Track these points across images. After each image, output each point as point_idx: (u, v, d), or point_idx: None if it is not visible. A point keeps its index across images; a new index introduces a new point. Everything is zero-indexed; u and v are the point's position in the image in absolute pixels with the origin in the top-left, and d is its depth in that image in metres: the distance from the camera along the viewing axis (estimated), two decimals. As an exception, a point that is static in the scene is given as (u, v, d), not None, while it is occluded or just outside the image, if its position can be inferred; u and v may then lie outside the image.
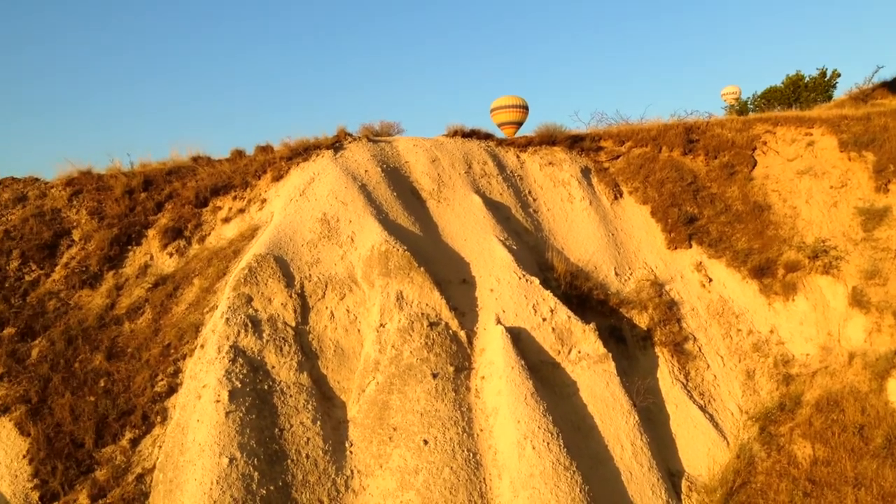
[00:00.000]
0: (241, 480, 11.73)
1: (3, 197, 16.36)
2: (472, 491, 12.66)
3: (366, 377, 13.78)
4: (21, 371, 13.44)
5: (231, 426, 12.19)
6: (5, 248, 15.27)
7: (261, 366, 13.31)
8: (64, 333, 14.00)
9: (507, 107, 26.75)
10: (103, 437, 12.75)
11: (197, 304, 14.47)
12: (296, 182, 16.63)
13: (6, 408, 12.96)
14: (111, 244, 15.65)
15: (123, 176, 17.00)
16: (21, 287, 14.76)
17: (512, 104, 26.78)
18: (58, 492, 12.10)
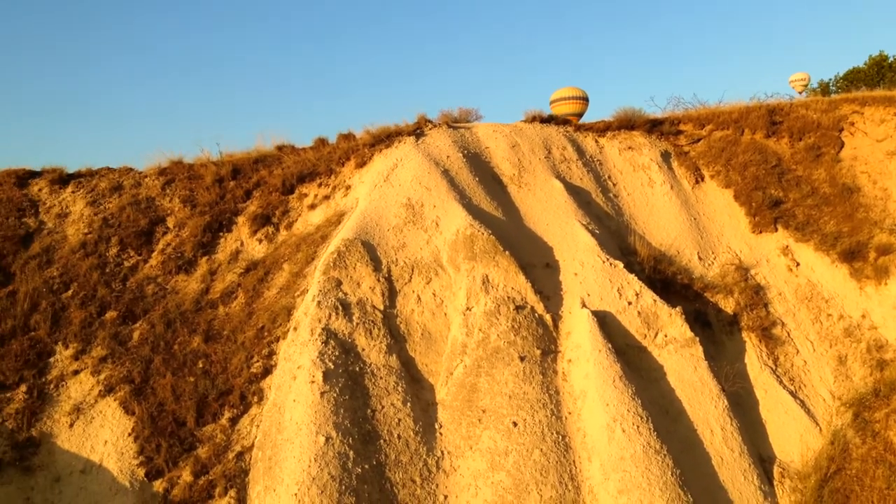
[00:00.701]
0: (337, 459, 12.02)
1: (100, 186, 17.03)
2: (563, 473, 12.71)
3: (453, 360, 13.94)
4: (124, 353, 14.00)
5: (326, 406, 12.50)
6: (105, 236, 15.91)
7: (352, 348, 13.58)
8: (163, 317, 14.53)
9: (567, 98, 26.45)
10: (203, 416, 13.20)
11: (288, 289, 14.83)
12: (379, 168, 16.87)
13: (111, 388, 13.53)
14: (204, 231, 16.15)
15: (213, 165, 17.51)
16: (121, 272, 15.36)
17: (571, 96, 26.47)
18: (162, 468, 12.59)
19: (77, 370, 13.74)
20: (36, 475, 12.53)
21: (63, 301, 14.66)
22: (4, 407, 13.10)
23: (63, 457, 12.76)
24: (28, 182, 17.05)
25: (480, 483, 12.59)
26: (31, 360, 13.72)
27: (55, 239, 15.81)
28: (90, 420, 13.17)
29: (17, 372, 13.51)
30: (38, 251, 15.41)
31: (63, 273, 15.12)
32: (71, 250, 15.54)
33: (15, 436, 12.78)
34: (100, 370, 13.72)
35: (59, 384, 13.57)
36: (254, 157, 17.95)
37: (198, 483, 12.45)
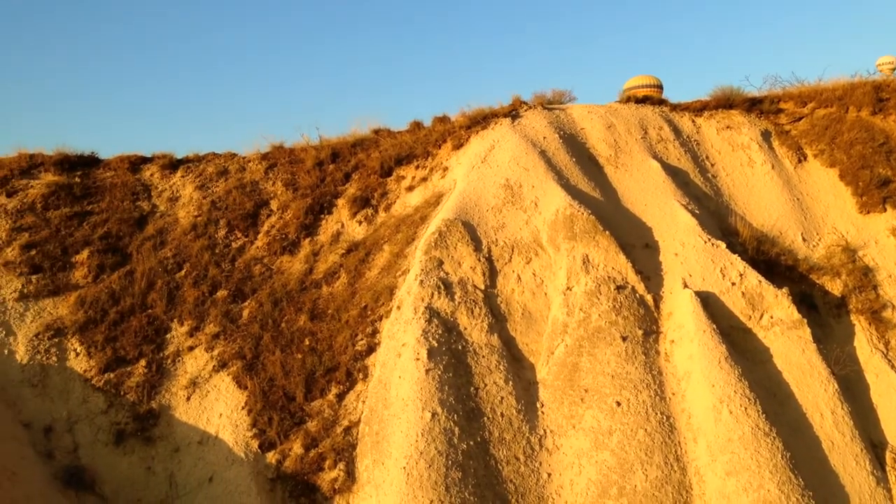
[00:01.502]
0: (443, 434, 12.22)
1: (207, 171, 17.68)
2: (668, 454, 12.60)
3: (554, 339, 13.96)
4: (235, 330, 14.54)
5: (431, 383, 12.71)
6: (213, 218, 16.51)
7: (454, 327, 13.75)
8: (270, 296, 15.01)
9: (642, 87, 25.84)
10: (312, 391, 13.60)
11: (389, 269, 15.10)
12: (476, 150, 16.96)
13: (224, 363, 14.07)
14: (306, 213, 16.58)
15: (313, 149, 17.95)
16: (229, 253, 15.93)
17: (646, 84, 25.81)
18: (274, 441, 13.05)
19: (192, 346, 14.35)
20: (156, 445, 13.17)
21: (177, 280, 15.31)
22: (126, 380, 13.79)
23: (181, 428, 13.37)
24: (140, 167, 17.84)
25: (584, 462, 12.60)
26: (149, 336, 14.40)
27: (167, 221, 16.51)
28: (205, 394, 13.74)
29: (137, 347, 14.20)
30: (152, 233, 16.12)
31: (176, 254, 15.78)
32: (182, 232, 16.20)
33: (136, 408, 13.45)
34: (213, 346, 14.29)
35: (176, 359, 14.21)
36: (351, 141, 18.30)
37: (308, 455, 12.87)
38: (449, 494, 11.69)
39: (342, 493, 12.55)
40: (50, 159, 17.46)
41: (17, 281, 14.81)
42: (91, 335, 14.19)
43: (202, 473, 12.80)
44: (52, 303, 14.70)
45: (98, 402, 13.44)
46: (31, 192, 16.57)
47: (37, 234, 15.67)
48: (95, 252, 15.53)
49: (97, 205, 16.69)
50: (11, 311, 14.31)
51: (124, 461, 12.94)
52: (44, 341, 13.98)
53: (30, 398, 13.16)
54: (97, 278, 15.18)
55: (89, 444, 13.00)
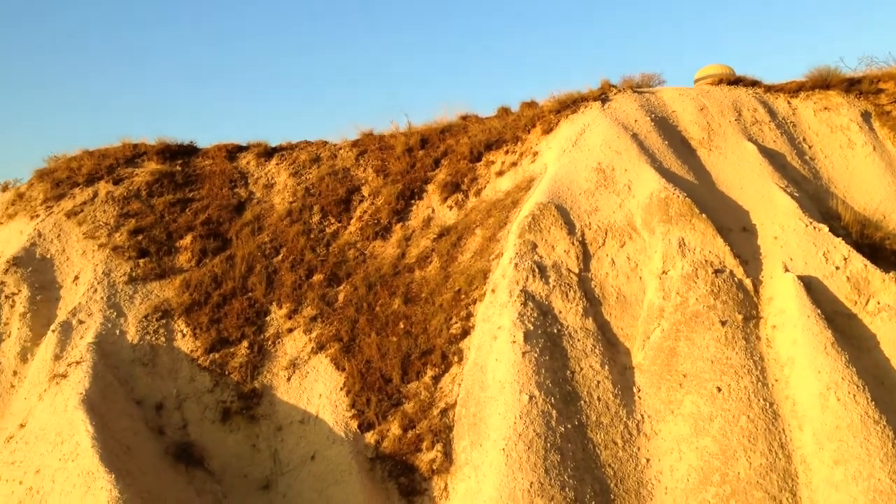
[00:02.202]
0: (541, 417, 12.24)
1: (300, 158, 18.07)
2: (772, 440, 12.32)
3: (650, 324, 13.79)
4: (331, 313, 14.85)
5: (528, 366, 12.73)
6: (308, 204, 16.88)
7: (549, 310, 13.73)
8: (364, 280, 15.26)
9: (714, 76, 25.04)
10: (408, 373, 13.79)
11: (481, 253, 15.16)
12: (566, 134, 16.86)
13: (322, 345, 14.40)
14: (397, 198, 16.79)
15: (402, 136, 18.16)
16: (324, 238, 16.27)
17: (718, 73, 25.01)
18: (373, 422, 13.29)
19: (291, 328, 14.73)
20: (260, 424, 13.58)
21: (274, 265, 15.73)
22: (229, 360, 14.25)
23: (283, 408, 13.75)
24: (237, 156, 18.36)
25: (684, 448, 12.43)
26: (250, 319, 14.84)
27: (264, 207, 16.96)
28: (305, 374, 14.09)
29: (239, 329, 14.65)
30: (249, 219, 16.59)
31: (273, 239, 16.20)
32: (278, 218, 16.62)
33: (240, 387, 13.90)
34: (311, 329, 14.64)
35: (276, 341, 14.60)
36: (439, 128, 18.43)
37: (406, 437, 13.06)
38: (549, 476, 11.72)
39: (440, 473, 12.70)
40: (152, 148, 18.16)
41: (125, 265, 15.46)
42: (196, 317, 14.72)
43: (304, 451, 13.14)
44: (159, 286, 15.30)
45: (204, 381, 13.94)
46: (136, 179, 17.27)
47: (143, 219, 16.33)
48: (198, 237, 16.09)
49: (198, 192, 17.29)
50: (121, 294, 14.96)
51: (230, 438, 13.39)
52: (152, 322, 14.58)
53: (141, 376, 13.74)
54: (200, 262, 15.73)
55: (197, 421, 13.51)
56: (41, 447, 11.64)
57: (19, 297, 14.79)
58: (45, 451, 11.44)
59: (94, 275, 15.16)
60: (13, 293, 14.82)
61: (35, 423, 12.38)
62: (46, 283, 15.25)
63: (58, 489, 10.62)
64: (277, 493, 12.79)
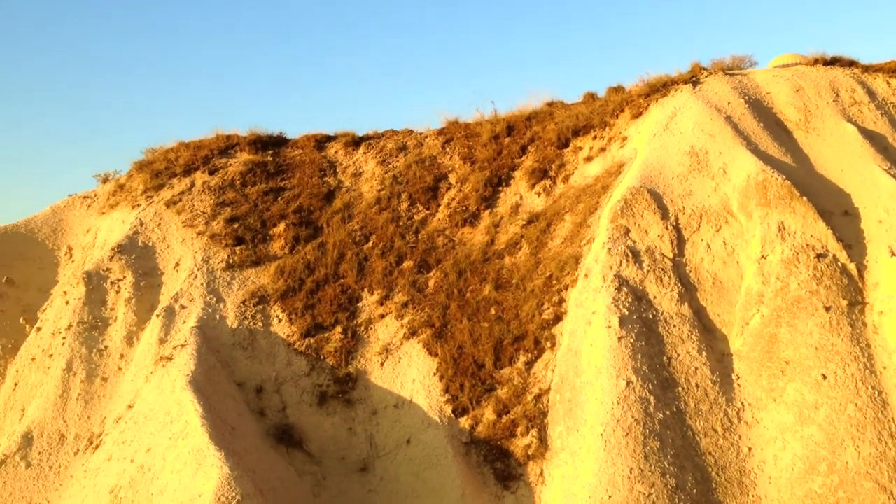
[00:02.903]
0: (639, 403, 12.08)
1: (387, 147, 18.25)
2: (881, 430, 11.88)
3: (748, 310, 13.44)
4: (422, 299, 14.95)
5: (624, 351, 12.57)
6: (395, 192, 17.04)
7: (643, 295, 13.53)
8: (454, 266, 15.32)
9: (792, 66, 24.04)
10: (500, 359, 13.79)
11: (572, 238, 15.03)
12: (657, 118, 16.55)
13: (414, 331, 14.52)
14: (485, 185, 16.78)
15: (488, 123, 18.14)
16: (413, 225, 16.39)
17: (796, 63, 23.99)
18: (467, 407, 13.35)
19: (383, 314, 14.90)
20: (356, 408, 13.79)
21: (365, 251, 15.93)
22: (324, 345, 14.51)
23: (377, 392, 13.92)
24: (325, 145, 18.67)
25: (788, 437, 12.09)
26: (343, 305, 15.08)
27: (353, 195, 17.20)
28: (398, 360, 14.24)
29: (333, 315, 14.90)
30: (339, 207, 16.84)
31: (363, 226, 16.41)
32: (368, 206, 16.82)
33: (336, 371, 14.14)
34: (402, 315, 14.78)
35: (368, 327, 14.79)
36: (525, 115, 18.34)
37: (500, 422, 13.08)
38: (648, 463, 11.56)
39: (535, 459, 12.68)
40: (244, 140, 18.63)
41: (223, 252, 15.90)
42: (291, 302, 15.03)
43: (399, 435, 13.29)
44: (255, 272, 15.68)
45: (301, 365, 14.24)
46: (230, 169, 17.73)
47: (238, 208, 16.77)
48: (290, 225, 16.42)
49: (288, 181, 17.65)
50: (220, 280, 15.39)
51: (327, 421, 13.64)
52: (249, 308, 14.95)
53: (241, 360, 14.11)
54: (293, 249, 16.05)
55: (295, 404, 13.80)
56: (150, 427, 12.07)
57: (124, 283, 15.36)
58: (155, 431, 11.86)
59: (193, 262, 15.64)
60: (118, 279, 15.40)
61: (143, 404, 12.85)
62: (149, 270, 15.80)
63: (169, 467, 11.00)
64: (375, 476, 12.98)
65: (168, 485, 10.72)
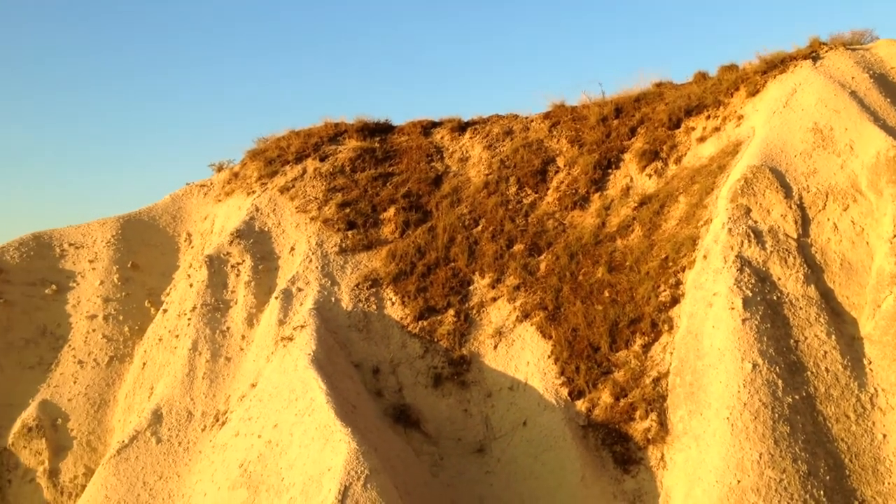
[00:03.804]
0: (766, 386, 11.67)
1: (493, 132, 18.21)
2: None
3: (880, 292, 12.80)
4: (534, 282, 14.86)
5: (749, 333, 12.18)
6: (503, 176, 16.98)
7: (766, 277, 13.07)
8: (565, 249, 15.16)
9: None
10: (616, 342, 13.57)
11: (688, 220, 14.65)
12: (775, 95, 15.95)
13: (526, 314, 14.44)
14: (594, 168, 16.53)
15: (595, 106, 17.86)
16: (522, 209, 16.30)
17: None
18: (583, 389, 13.19)
19: (494, 297, 14.88)
20: (470, 389, 13.82)
21: (475, 235, 15.94)
22: (437, 328, 14.60)
23: (491, 374, 13.92)
24: (431, 131, 18.79)
25: (928, 425, 11.49)
26: (454, 288, 15.13)
27: (460, 180, 17.24)
28: (511, 343, 14.19)
29: (445, 298, 14.97)
30: (448, 191, 16.91)
31: (472, 210, 16.42)
32: (476, 190, 16.83)
33: (450, 353, 14.21)
34: (514, 298, 14.72)
35: (480, 310, 14.80)
36: (633, 96, 17.98)
37: (618, 405, 12.87)
38: (778, 448, 11.17)
39: (656, 443, 12.42)
40: (352, 127, 18.94)
41: (336, 236, 16.19)
42: (403, 286, 15.19)
43: (515, 417, 13.25)
44: (367, 256, 15.92)
45: (415, 347, 14.37)
46: (340, 156, 18.04)
47: (348, 193, 17.05)
48: (400, 209, 16.59)
49: (396, 166, 17.84)
50: (334, 264, 15.67)
51: (443, 403, 13.72)
52: (363, 290, 15.18)
53: (356, 341, 14.34)
54: (403, 234, 16.21)
55: (411, 385, 13.94)
56: (275, 404, 12.39)
57: (243, 266, 15.82)
58: (280, 408, 12.17)
59: (308, 246, 15.98)
60: (238, 263, 15.88)
61: (266, 383, 13.20)
62: (266, 254, 16.24)
63: (296, 442, 11.26)
64: (492, 457, 12.98)
65: (297, 459, 10.99)
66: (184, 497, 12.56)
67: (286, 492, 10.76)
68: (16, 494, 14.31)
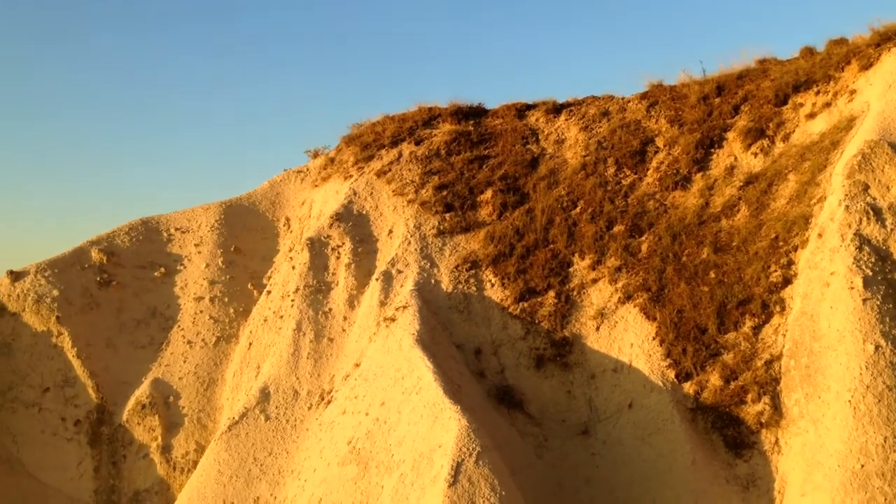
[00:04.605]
0: (890, 368, 11.14)
1: (589, 113, 17.92)
2: None
3: None
4: (636, 263, 14.57)
5: (870, 313, 11.63)
6: (601, 157, 16.69)
7: (887, 256, 12.45)
8: (668, 230, 14.79)
9: None
10: (724, 323, 13.18)
11: (798, 198, 14.10)
12: (890, 68, 15.13)
13: (629, 295, 14.17)
14: (695, 148, 16.08)
15: (695, 84, 17.36)
16: (621, 190, 15.99)
17: None
18: (691, 372, 12.87)
19: (595, 279, 14.66)
20: (573, 371, 13.66)
21: (573, 217, 15.72)
22: (538, 310, 14.47)
23: (594, 356, 13.72)
24: (525, 113, 18.63)
25: None
26: (554, 269, 14.97)
27: (557, 162, 17.03)
28: (613, 324, 13.95)
29: (545, 279, 14.83)
30: (544, 173, 16.73)
31: (569, 192, 16.20)
32: (573, 171, 16.59)
33: (551, 335, 14.07)
34: (616, 279, 14.46)
35: (581, 291, 14.60)
36: (735, 73, 17.39)
37: (728, 388, 12.52)
38: (905, 433, 10.65)
39: (769, 426, 12.04)
40: (445, 111, 18.93)
41: (433, 219, 16.22)
42: (503, 267, 15.11)
43: (620, 399, 13.03)
44: (465, 238, 15.89)
45: (516, 328, 14.28)
46: (435, 140, 18.06)
47: (444, 176, 17.05)
48: (497, 192, 16.49)
49: (492, 149, 17.74)
50: (432, 246, 15.71)
51: (545, 384, 13.61)
52: (462, 272, 15.17)
53: (457, 322, 14.35)
54: (501, 216, 16.12)
55: (513, 366, 13.87)
56: (381, 382, 12.49)
57: (343, 249, 16.02)
58: (387, 386, 12.26)
59: (406, 228, 16.06)
60: (338, 245, 16.08)
61: (370, 362, 13.33)
62: (364, 237, 16.39)
63: (405, 419, 11.32)
64: (597, 440, 12.80)
65: (405, 437, 11.04)
66: (293, 473, 12.81)
67: (396, 468, 10.82)
68: (130, 469, 14.88)
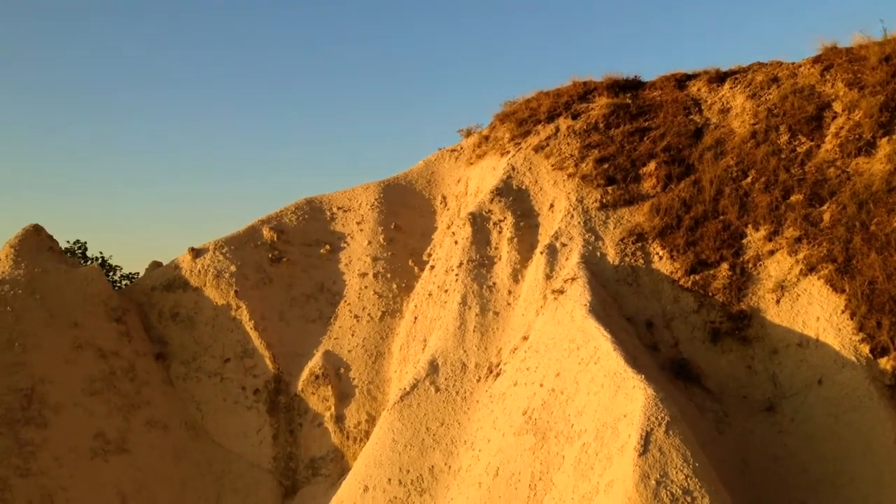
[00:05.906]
0: None
1: (756, 80, 17.04)
2: None
3: None
4: (818, 234, 13.70)
5: None
6: (772, 125, 15.81)
7: None
8: (852, 198, 13.82)
9: None
10: (924, 295, 12.20)
11: None
12: None
13: (812, 267, 13.33)
14: (880, 111, 14.95)
15: (875, 45, 16.17)
16: (796, 158, 15.10)
17: None
18: (887, 346, 11.95)
19: (772, 250, 13.89)
20: (752, 345, 13.00)
21: (744, 187, 14.97)
22: (711, 282, 13.87)
23: (775, 330, 13.00)
24: (685, 84, 17.95)
25: None
26: (726, 241, 14.30)
27: (722, 132, 16.26)
28: (795, 297, 13.17)
29: (717, 251, 14.19)
30: (710, 143, 16.01)
31: (738, 161, 15.44)
32: (741, 140, 15.80)
33: (727, 308, 13.44)
34: (796, 250, 13.65)
35: (756, 263, 13.88)
36: (921, 32, 16.10)
37: (931, 363, 11.57)
38: None
39: (983, 406, 11.05)
40: (601, 84, 18.51)
41: (595, 192, 15.85)
42: (671, 240, 14.57)
43: (808, 375, 12.28)
44: (629, 211, 15.44)
45: (688, 301, 13.74)
46: (592, 113, 17.66)
47: (604, 150, 16.63)
48: (661, 164, 15.92)
49: (652, 121, 17.18)
50: (595, 219, 15.35)
51: (723, 359, 13.01)
52: (628, 245, 14.74)
53: (627, 295, 13.95)
54: (665, 188, 15.57)
55: (687, 340, 13.35)
56: (554, 354, 12.28)
57: (505, 223, 15.92)
58: (561, 357, 12.03)
59: (568, 202, 15.77)
60: (499, 220, 16.00)
61: (540, 334, 13.15)
62: (525, 211, 16.23)
63: (583, 389, 11.07)
64: (784, 416, 12.11)
65: (586, 406, 10.78)
66: (466, 443, 12.81)
67: (577, 438, 10.59)
68: (306, 437, 15.34)
